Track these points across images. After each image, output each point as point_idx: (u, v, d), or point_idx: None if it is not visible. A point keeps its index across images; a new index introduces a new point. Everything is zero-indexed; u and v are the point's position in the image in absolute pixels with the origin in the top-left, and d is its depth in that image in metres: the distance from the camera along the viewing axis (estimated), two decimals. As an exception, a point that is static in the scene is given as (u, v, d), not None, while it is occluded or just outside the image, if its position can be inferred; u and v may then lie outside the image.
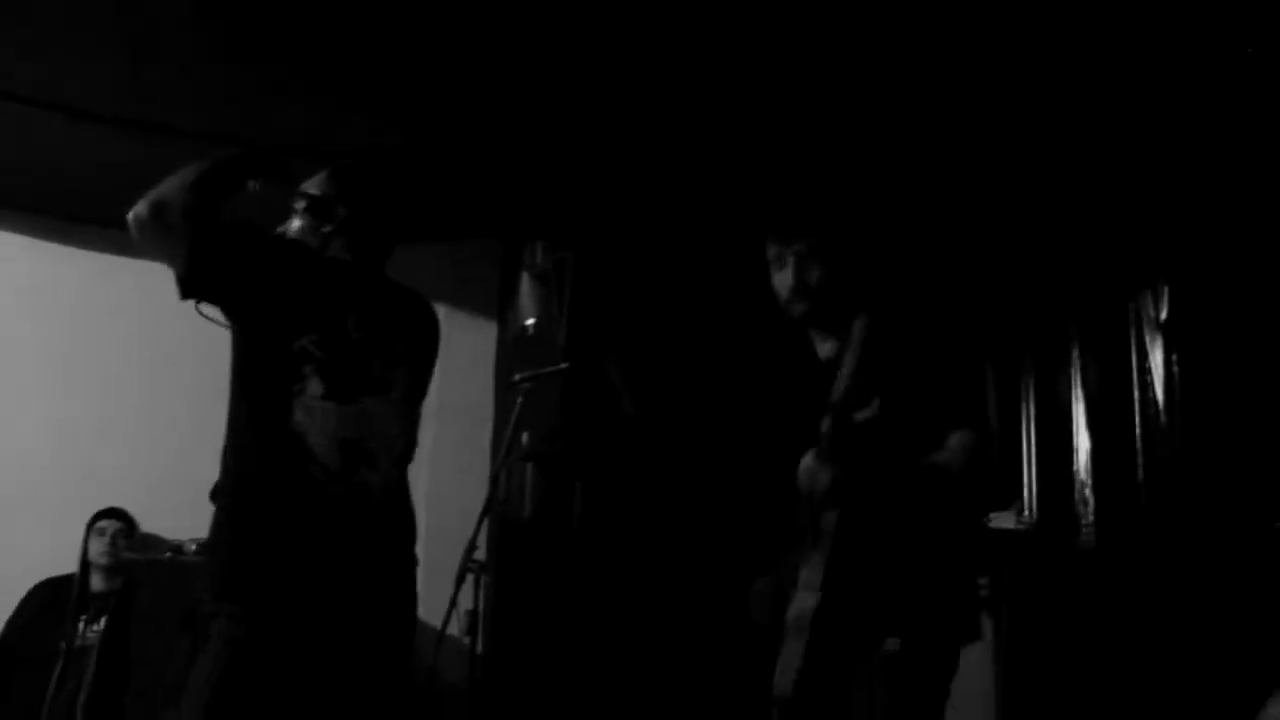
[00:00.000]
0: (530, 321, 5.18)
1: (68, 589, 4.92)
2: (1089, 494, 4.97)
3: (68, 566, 5.00)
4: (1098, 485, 4.94)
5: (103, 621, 4.75)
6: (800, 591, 2.58)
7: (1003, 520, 4.80)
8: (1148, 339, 4.80)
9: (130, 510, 5.19)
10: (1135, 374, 4.82)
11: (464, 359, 5.24)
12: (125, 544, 5.07)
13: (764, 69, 4.20)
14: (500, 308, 5.69)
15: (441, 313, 2.99)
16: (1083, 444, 5.03)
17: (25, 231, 5.48)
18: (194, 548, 4.71)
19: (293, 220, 2.77)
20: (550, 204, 5.26)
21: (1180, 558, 4.51)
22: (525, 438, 4.84)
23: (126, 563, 4.89)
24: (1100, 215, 4.98)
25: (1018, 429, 5.28)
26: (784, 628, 2.65)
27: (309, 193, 2.75)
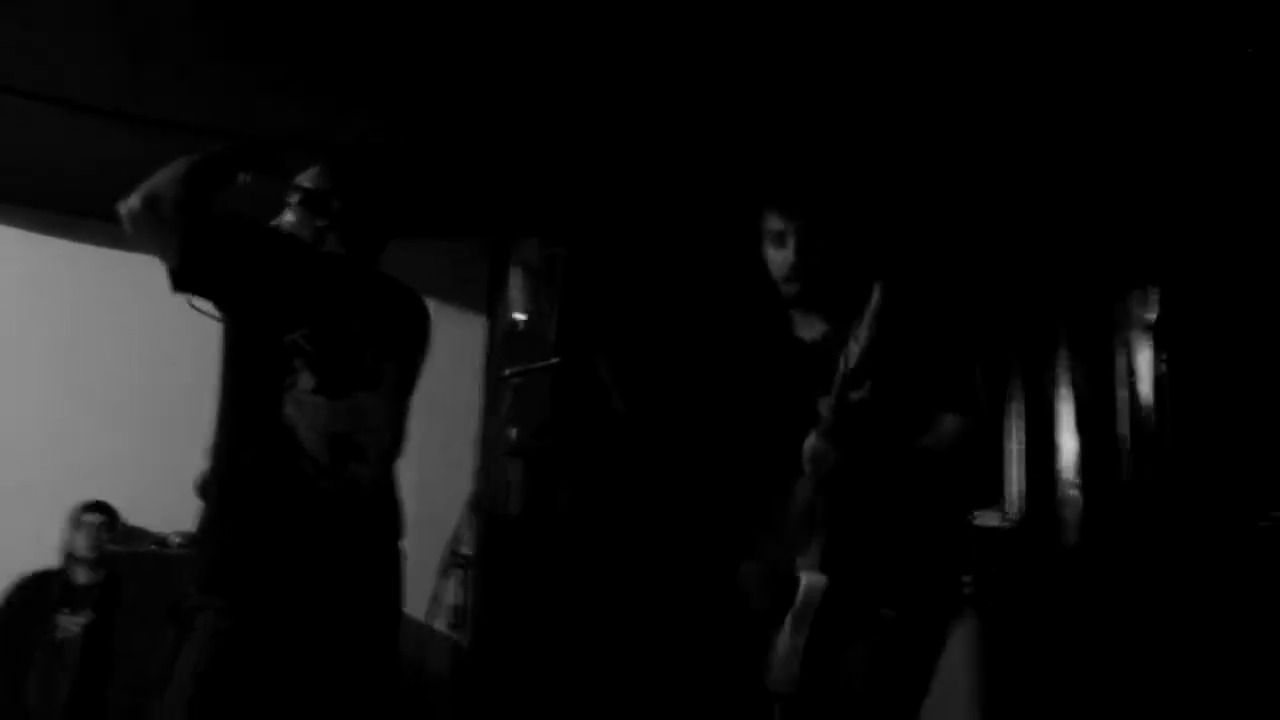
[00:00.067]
0: (520, 317, 5.19)
1: (51, 582, 4.91)
2: (1074, 493, 4.99)
3: (51, 559, 4.99)
4: (1083, 484, 4.96)
5: (86, 614, 4.74)
6: (806, 575, 2.57)
7: (988, 518, 4.81)
8: (1135, 340, 4.82)
9: (115, 503, 5.17)
10: (1122, 374, 4.84)
11: (453, 353, 5.22)
12: (108, 537, 5.05)
13: (755, 66, 4.21)
14: (490, 303, 5.69)
15: (431, 307, 2.97)
16: (1068, 443, 5.05)
17: (16, 225, 5.45)
18: (178, 541, 4.71)
19: (286, 214, 2.75)
20: (542, 200, 5.26)
21: (1165, 557, 4.54)
22: (513, 433, 4.84)
23: (110, 555, 4.88)
24: (1089, 217, 4.99)
25: (1004, 428, 5.29)
26: (777, 614, 2.64)
27: (303, 186, 2.73)
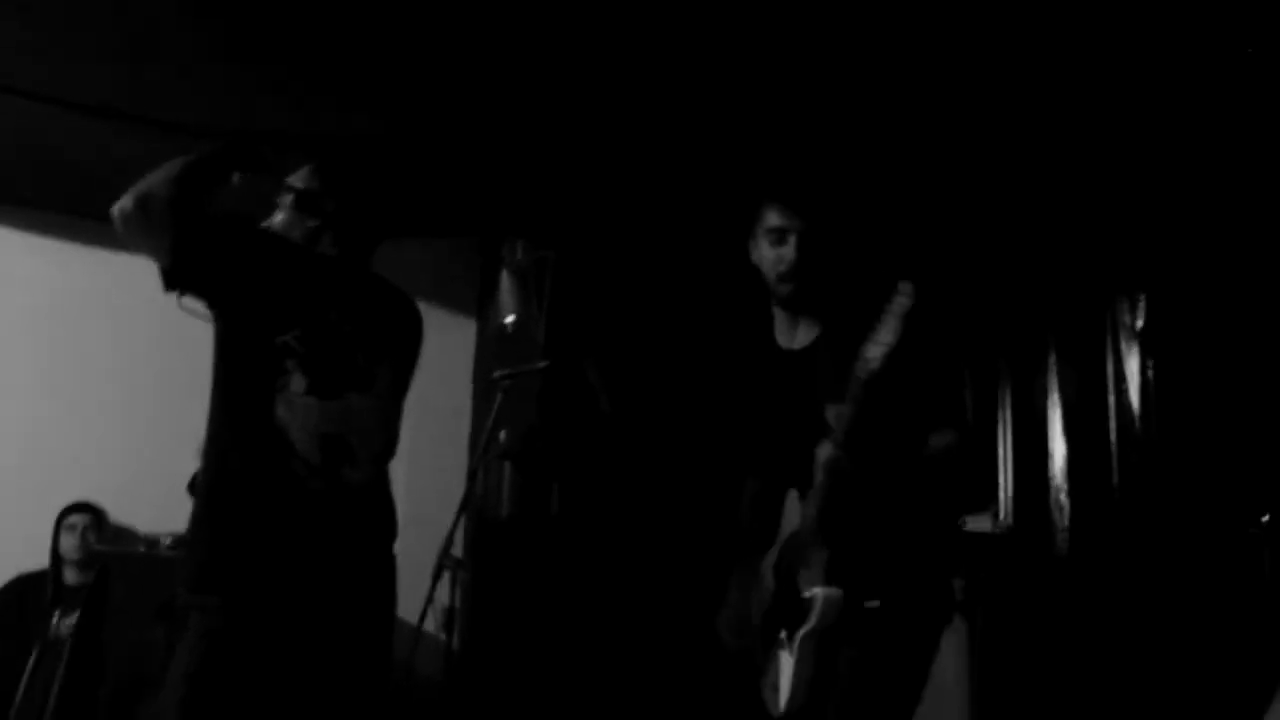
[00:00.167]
0: (510, 319, 5.18)
1: (42, 584, 4.90)
2: (1064, 499, 5.00)
3: (41, 559, 4.98)
4: (1073, 490, 4.97)
5: (77, 614, 4.73)
6: (819, 590, 2.52)
7: (978, 524, 4.82)
8: (1124, 347, 4.83)
9: (104, 503, 5.16)
10: (1111, 381, 4.86)
11: (443, 356, 5.21)
12: (95, 537, 5.04)
13: (746, 71, 4.21)
14: (480, 305, 5.68)
15: (421, 309, 2.97)
16: (1058, 449, 5.06)
17: (5, 224, 5.43)
18: (169, 542, 4.69)
19: (277, 214, 2.75)
20: (531, 203, 5.26)
21: (1154, 562, 4.55)
22: (503, 435, 4.83)
23: (98, 555, 4.86)
24: (1079, 224, 5.01)
25: (994, 434, 5.30)
26: (772, 640, 2.63)
27: (295, 186, 2.73)
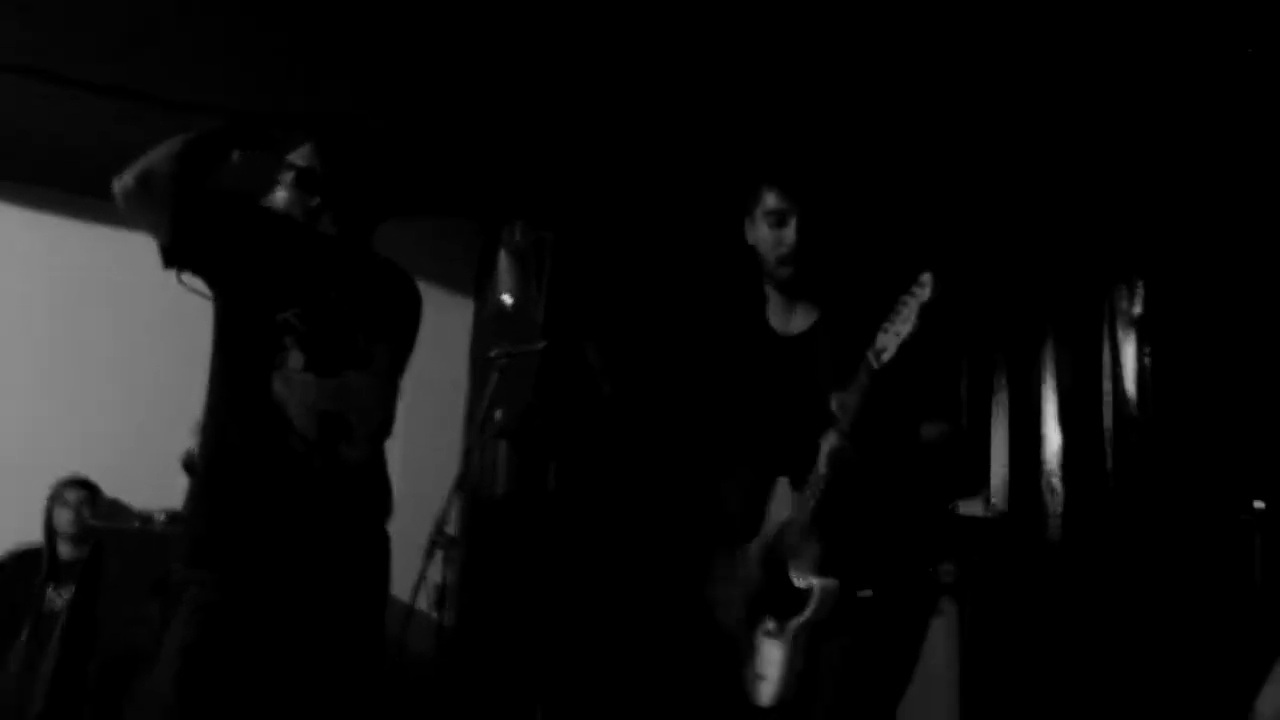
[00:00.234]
0: (508, 299, 5.17)
1: (36, 558, 4.91)
2: (1057, 484, 5.02)
3: (35, 533, 4.98)
4: (1066, 475, 4.99)
5: (71, 589, 4.73)
6: (816, 581, 2.49)
7: (971, 508, 4.83)
8: (1121, 333, 4.85)
9: (98, 479, 5.15)
10: (1107, 367, 4.87)
11: (440, 334, 5.21)
12: (89, 512, 5.04)
13: (745, 54, 4.21)
14: (478, 284, 5.68)
15: (419, 288, 2.97)
16: (1053, 435, 5.08)
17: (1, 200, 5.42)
18: (163, 518, 4.69)
19: (278, 191, 2.74)
20: (531, 183, 5.25)
21: (1147, 548, 4.57)
22: (499, 414, 4.83)
23: (92, 530, 4.87)
24: (1077, 212, 5.01)
25: (989, 419, 5.32)
26: (756, 628, 2.60)
27: (296, 164, 2.72)
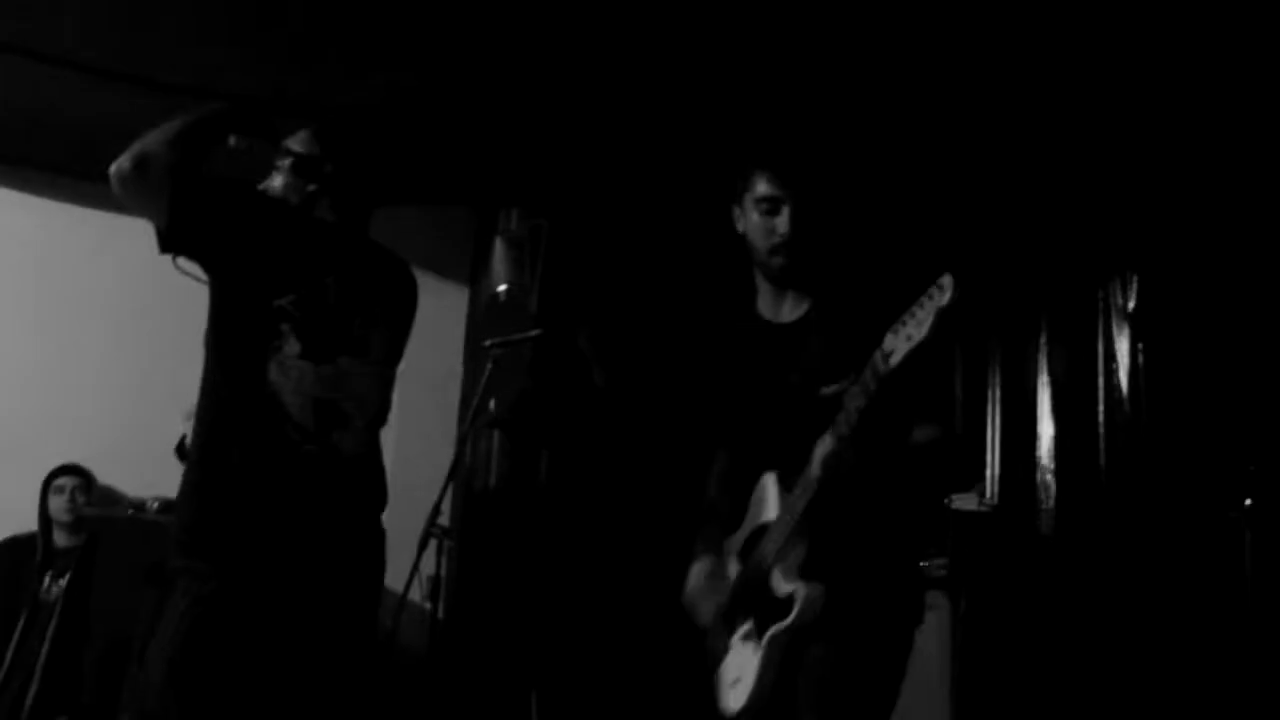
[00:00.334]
0: (502, 288, 5.16)
1: (31, 547, 4.90)
2: (1050, 479, 5.02)
3: (28, 522, 4.97)
4: (1059, 470, 5.00)
5: (67, 577, 4.73)
6: (801, 587, 2.34)
7: (964, 502, 4.82)
8: (1115, 327, 4.85)
9: (91, 467, 5.15)
10: (1101, 362, 4.87)
11: (435, 323, 5.21)
12: (84, 500, 5.04)
13: (740, 42, 4.20)
14: (473, 273, 5.67)
15: (415, 276, 2.97)
16: (1046, 429, 5.08)
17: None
18: (156, 506, 4.68)
19: (275, 177, 2.73)
20: (526, 171, 5.24)
21: (1139, 544, 4.58)
22: (493, 404, 4.82)
23: (87, 518, 4.86)
24: (1072, 205, 5.01)
25: (983, 412, 5.32)
26: (732, 630, 2.51)
27: (294, 150, 2.71)
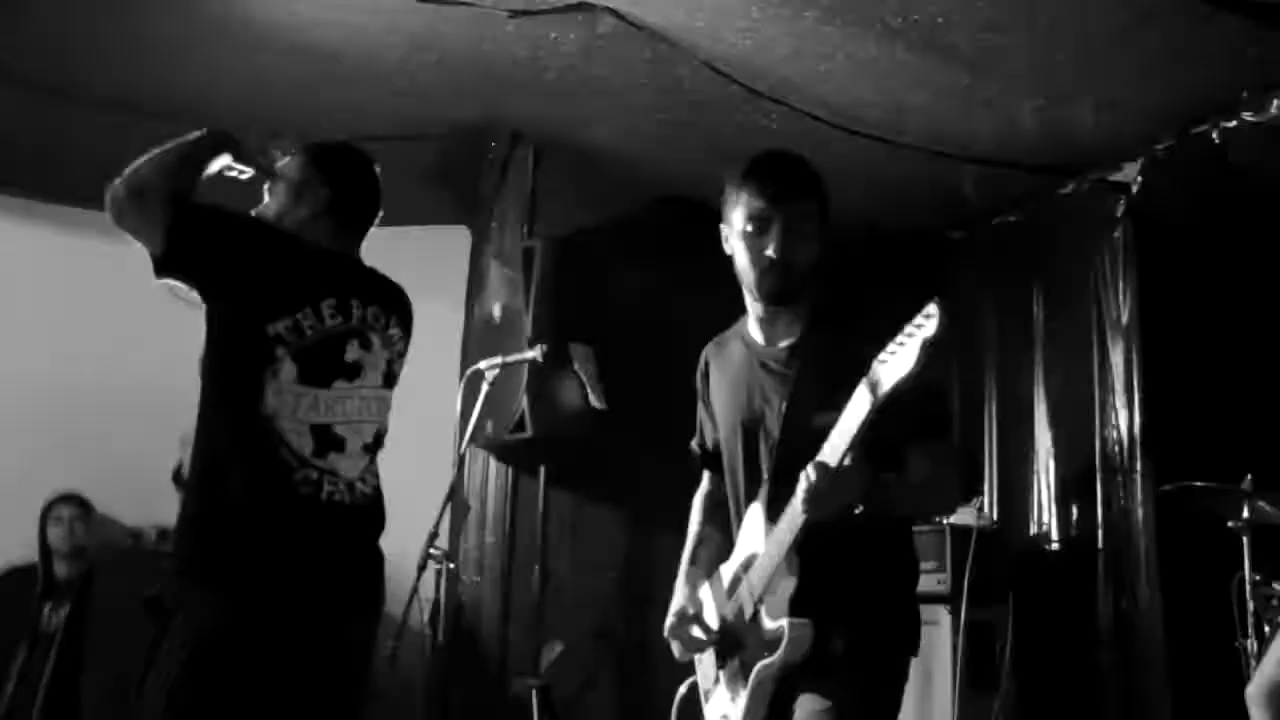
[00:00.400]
0: (497, 309, 5.16)
1: (31, 577, 4.89)
2: (1048, 491, 5.03)
3: (25, 551, 4.95)
4: (1057, 483, 5.01)
5: (67, 607, 4.72)
6: (788, 624, 2.22)
7: (963, 516, 4.83)
8: (1110, 338, 4.86)
9: (88, 495, 5.13)
10: (1097, 372, 4.88)
11: (430, 345, 5.21)
12: (83, 529, 5.02)
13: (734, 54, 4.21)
14: (468, 295, 5.66)
15: (410, 299, 2.97)
16: (1043, 442, 5.09)
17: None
18: (154, 534, 4.68)
19: (269, 202, 2.74)
20: (520, 192, 5.24)
21: (1137, 554, 4.57)
22: (489, 426, 4.81)
23: (86, 548, 4.85)
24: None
25: (981, 427, 5.33)
26: (721, 664, 2.42)
27: (288, 175, 2.72)
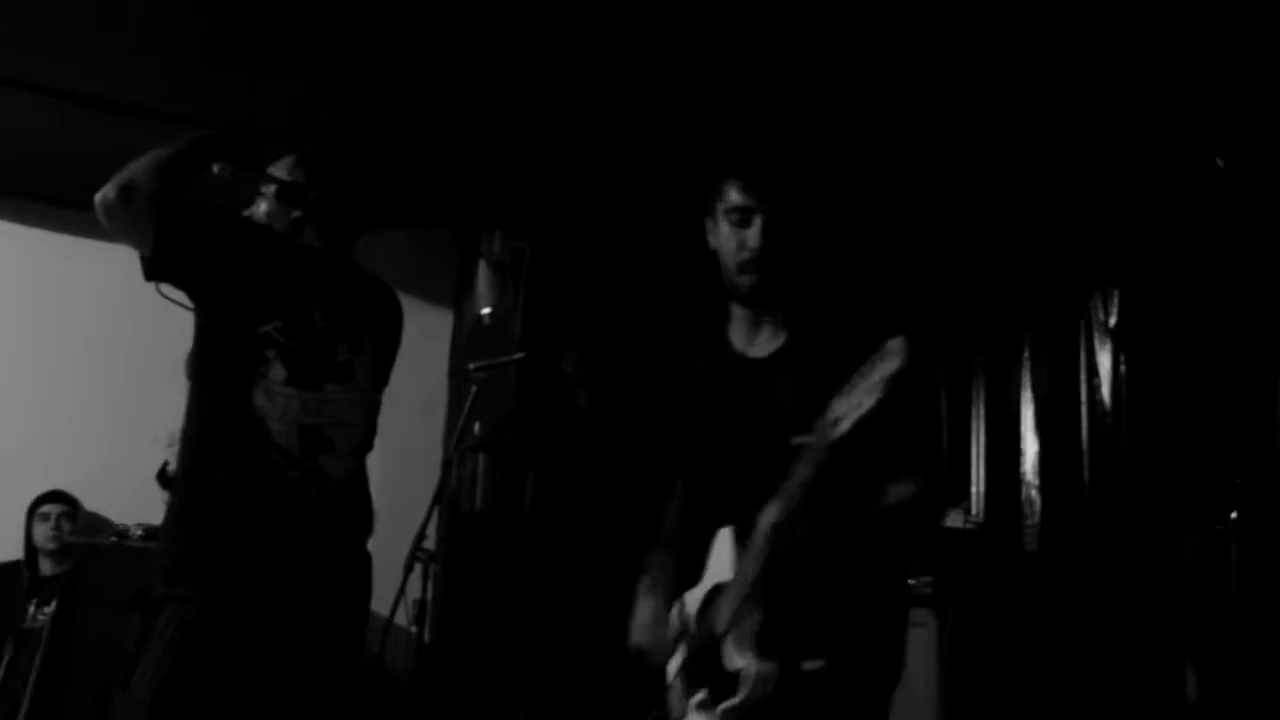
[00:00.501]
0: (486, 311, 5.17)
1: (16, 574, 4.88)
2: (1035, 494, 5.04)
3: (10, 549, 4.94)
4: (1044, 486, 5.02)
5: (53, 605, 4.72)
6: (748, 662, 2.12)
7: (950, 519, 4.84)
8: (1097, 343, 4.88)
9: (74, 493, 5.13)
10: (1084, 377, 4.90)
11: (419, 347, 5.21)
12: (69, 527, 5.02)
13: (721, 65, 4.22)
14: (456, 297, 5.67)
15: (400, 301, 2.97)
16: (1030, 445, 5.10)
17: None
18: (140, 532, 4.67)
19: (259, 204, 2.74)
20: (509, 195, 5.25)
21: (1123, 558, 4.59)
22: (478, 427, 4.82)
23: (72, 546, 4.85)
24: (1054, 222, 5.04)
25: (967, 429, 5.34)
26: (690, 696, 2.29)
27: (278, 177, 2.72)
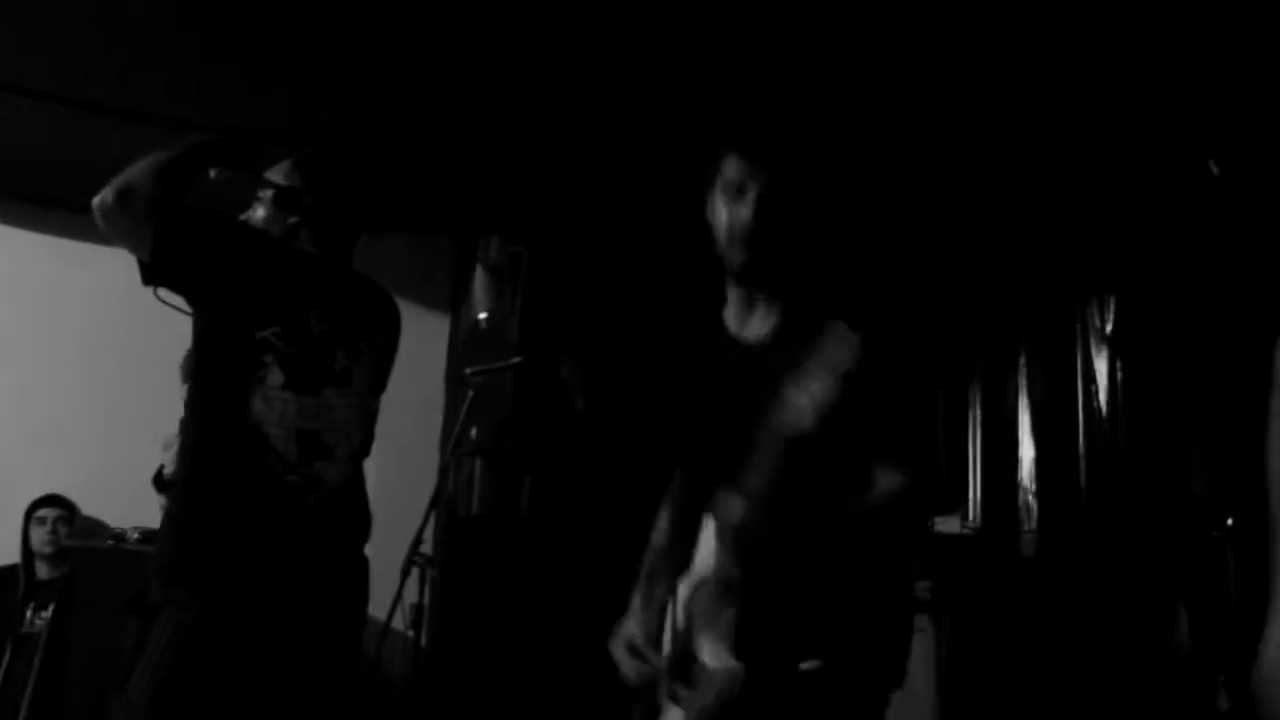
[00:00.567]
0: (483, 316, 5.17)
1: (13, 578, 4.88)
2: (1032, 500, 5.05)
3: (4, 552, 4.94)
4: (1041, 491, 5.02)
5: (50, 609, 4.72)
6: (714, 660, 2.06)
7: (947, 525, 4.85)
8: (1093, 349, 4.89)
9: (70, 497, 5.13)
10: (1080, 383, 4.91)
11: (416, 351, 5.21)
12: (66, 531, 5.02)
13: (717, 70, 4.23)
14: (453, 301, 5.68)
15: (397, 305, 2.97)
16: (1027, 451, 5.11)
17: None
18: (136, 536, 4.67)
19: (256, 209, 2.74)
20: (506, 199, 5.25)
21: (1120, 564, 4.60)
22: (475, 432, 4.82)
23: (69, 550, 4.85)
24: (1050, 228, 5.05)
25: (964, 435, 5.35)
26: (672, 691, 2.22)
27: (275, 182, 2.72)
